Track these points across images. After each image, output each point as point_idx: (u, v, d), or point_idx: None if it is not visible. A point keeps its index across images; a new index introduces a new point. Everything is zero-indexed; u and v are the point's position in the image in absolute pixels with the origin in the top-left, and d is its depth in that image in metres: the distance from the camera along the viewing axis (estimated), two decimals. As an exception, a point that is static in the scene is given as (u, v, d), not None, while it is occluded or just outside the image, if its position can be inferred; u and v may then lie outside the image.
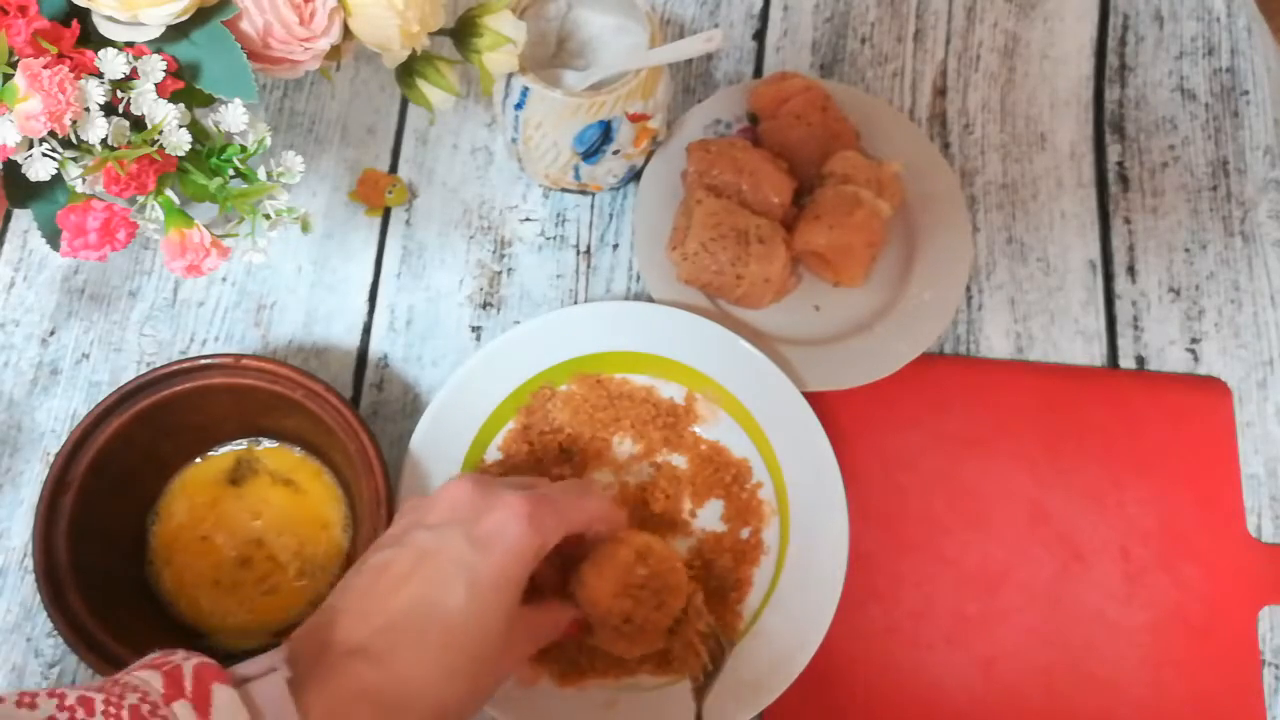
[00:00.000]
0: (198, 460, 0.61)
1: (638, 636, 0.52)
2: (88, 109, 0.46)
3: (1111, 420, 0.63)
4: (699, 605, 0.53)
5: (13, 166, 0.46)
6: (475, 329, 0.66)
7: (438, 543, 0.45)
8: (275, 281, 0.67)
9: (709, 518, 0.60)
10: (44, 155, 0.46)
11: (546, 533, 0.47)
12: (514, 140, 0.63)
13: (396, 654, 0.43)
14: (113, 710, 0.37)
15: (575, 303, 0.67)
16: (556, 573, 0.53)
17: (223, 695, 0.38)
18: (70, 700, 0.37)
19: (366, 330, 0.66)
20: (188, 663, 0.39)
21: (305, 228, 0.53)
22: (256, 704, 0.39)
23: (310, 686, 0.41)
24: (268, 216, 0.51)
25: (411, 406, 0.64)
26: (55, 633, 0.58)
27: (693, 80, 0.73)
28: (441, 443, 0.60)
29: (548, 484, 0.53)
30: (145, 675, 0.39)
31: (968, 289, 0.67)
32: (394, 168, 0.70)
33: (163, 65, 0.47)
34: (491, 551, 0.45)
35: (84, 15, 0.47)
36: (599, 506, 0.51)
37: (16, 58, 0.45)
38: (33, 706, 0.36)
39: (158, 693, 0.38)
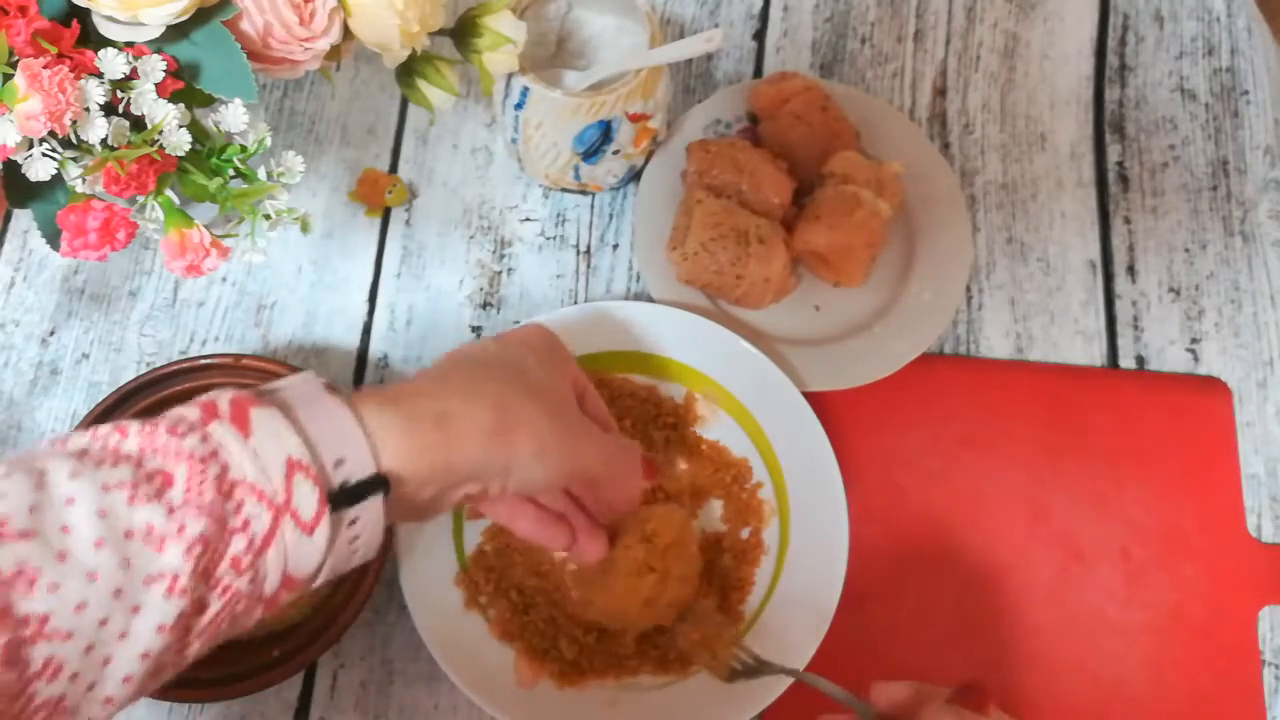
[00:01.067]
0: (198, 460, 0.61)
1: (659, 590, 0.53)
2: (88, 109, 0.46)
3: (1111, 420, 0.63)
4: (728, 631, 0.54)
5: (13, 166, 0.46)
6: (475, 329, 0.66)
7: (471, 345, 0.49)
8: (275, 281, 0.67)
9: (709, 518, 0.60)
10: (44, 155, 0.46)
11: (567, 363, 0.50)
12: (514, 140, 0.63)
13: (448, 381, 0.43)
14: (148, 429, 0.36)
15: (575, 303, 0.67)
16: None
17: (261, 413, 0.37)
18: (103, 430, 0.36)
19: (366, 330, 0.66)
20: (223, 395, 0.38)
21: (305, 228, 0.53)
22: (295, 409, 0.38)
23: (367, 410, 0.40)
24: (268, 216, 0.51)
25: (411, 406, 0.64)
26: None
27: (693, 80, 0.73)
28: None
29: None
30: (181, 409, 0.38)
31: (968, 289, 0.67)
32: (394, 168, 0.70)
33: (163, 65, 0.47)
34: (515, 335, 0.49)
35: (84, 15, 0.47)
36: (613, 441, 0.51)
37: (16, 58, 0.45)
38: (64, 443, 0.36)
39: (195, 418, 0.37)
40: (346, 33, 0.53)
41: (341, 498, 0.38)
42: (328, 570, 0.39)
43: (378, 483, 0.39)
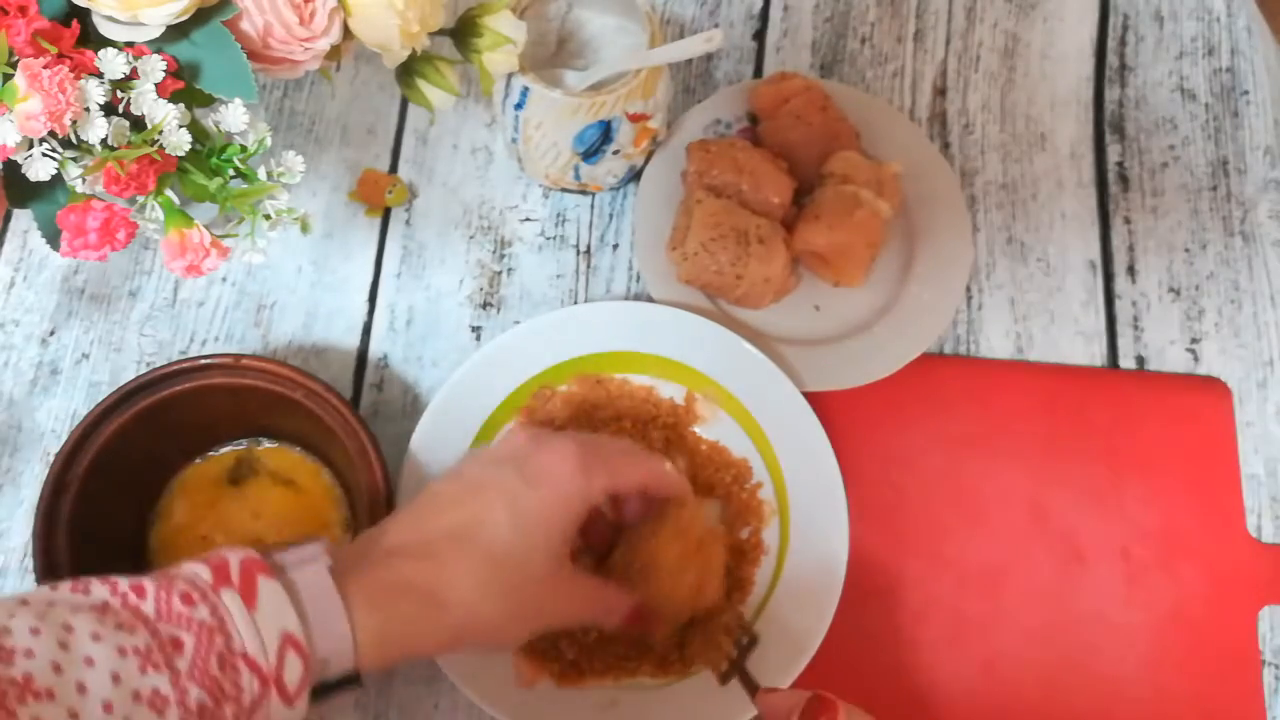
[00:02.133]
0: (198, 460, 0.61)
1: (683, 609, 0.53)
2: (88, 109, 0.46)
3: (1111, 420, 0.63)
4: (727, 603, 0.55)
5: (13, 166, 0.46)
6: (475, 329, 0.66)
7: (488, 475, 0.48)
8: (275, 281, 0.67)
9: (709, 518, 0.60)
10: (44, 155, 0.46)
11: (593, 478, 0.48)
12: (514, 140, 0.63)
13: (441, 556, 0.45)
14: (164, 595, 0.39)
15: (575, 303, 0.67)
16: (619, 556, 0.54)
17: (268, 586, 0.40)
18: (123, 587, 0.39)
19: (366, 330, 0.66)
20: (234, 556, 0.41)
21: (305, 228, 0.53)
22: (299, 593, 0.41)
23: (352, 578, 0.43)
24: (268, 216, 0.51)
25: (411, 406, 0.64)
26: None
27: (693, 80, 0.73)
28: (441, 443, 0.60)
29: (608, 439, 0.55)
30: (194, 567, 0.40)
31: (968, 289, 0.67)
32: (394, 168, 0.70)
33: (163, 65, 0.47)
34: (539, 487, 0.47)
35: (84, 15, 0.47)
36: (652, 467, 0.52)
37: (16, 58, 0.45)
38: (86, 591, 0.39)
39: (206, 582, 0.40)
40: (346, 33, 0.53)
41: (320, 692, 0.41)
42: None
43: (351, 680, 0.43)
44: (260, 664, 0.39)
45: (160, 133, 0.47)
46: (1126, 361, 0.66)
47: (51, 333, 0.65)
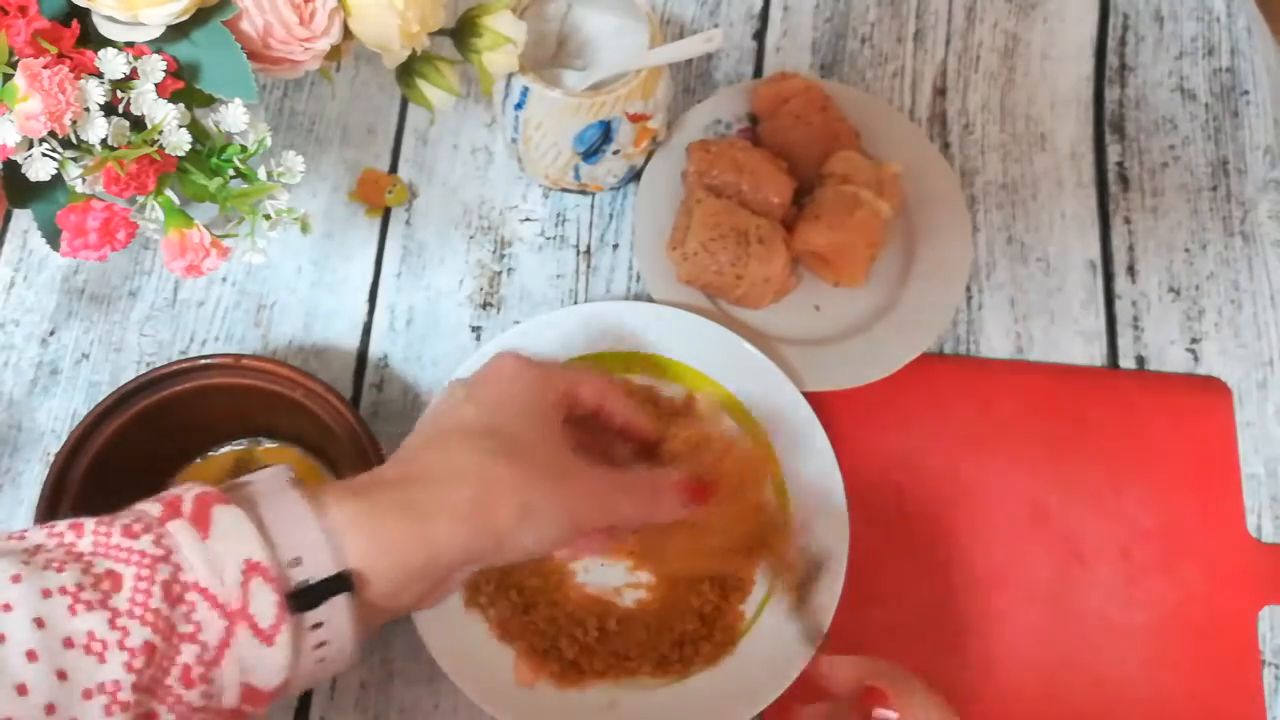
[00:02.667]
0: (198, 460, 0.61)
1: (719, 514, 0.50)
2: (88, 109, 0.46)
3: (1111, 420, 0.63)
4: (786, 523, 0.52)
5: (13, 166, 0.46)
6: (475, 329, 0.66)
7: (443, 410, 0.45)
8: (275, 281, 0.67)
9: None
10: (44, 155, 0.46)
11: (543, 368, 0.47)
12: (514, 140, 0.63)
13: (428, 450, 0.42)
14: (103, 529, 0.35)
15: (575, 303, 0.67)
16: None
17: (225, 513, 0.36)
18: (60, 527, 0.35)
19: (366, 330, 0.66)
20: (189, 492, 0.37)
21: (305, 228, 0.53)
22: (262, 514, 0.36)
23: (329, 503, 0.38)
24: (268, 216, 0.51)
25: (411, 406, 0.64)
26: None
27: (693, 80, 0.73)
28: (441, 443, 0.60)
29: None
30: (144, 505, 0.37)
31: (968, 289, 0.67)
32: (394, 168, 0.70)
33: (163, 65, 0.47)
34: (489, 384, 0.45)
35: (84, 15, 0.47)
36: (605, 383, 0.49)
37: (16, 58, 0.45)
38: (21, 538, 0.35)
39: (153, 516, 0.36)
40: (346, 33, 0.53)
41: (301, 600, 0.36)
42: (298, 683, 0.37)
43: (338, 583, 0.37)
44: (218, 595, 0.34)
45: (160, 133, 0.47)
46: (1126, 361, 0.66)
47: (51, 333, 0.65)
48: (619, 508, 0.45)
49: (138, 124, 0.48)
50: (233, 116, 0.49)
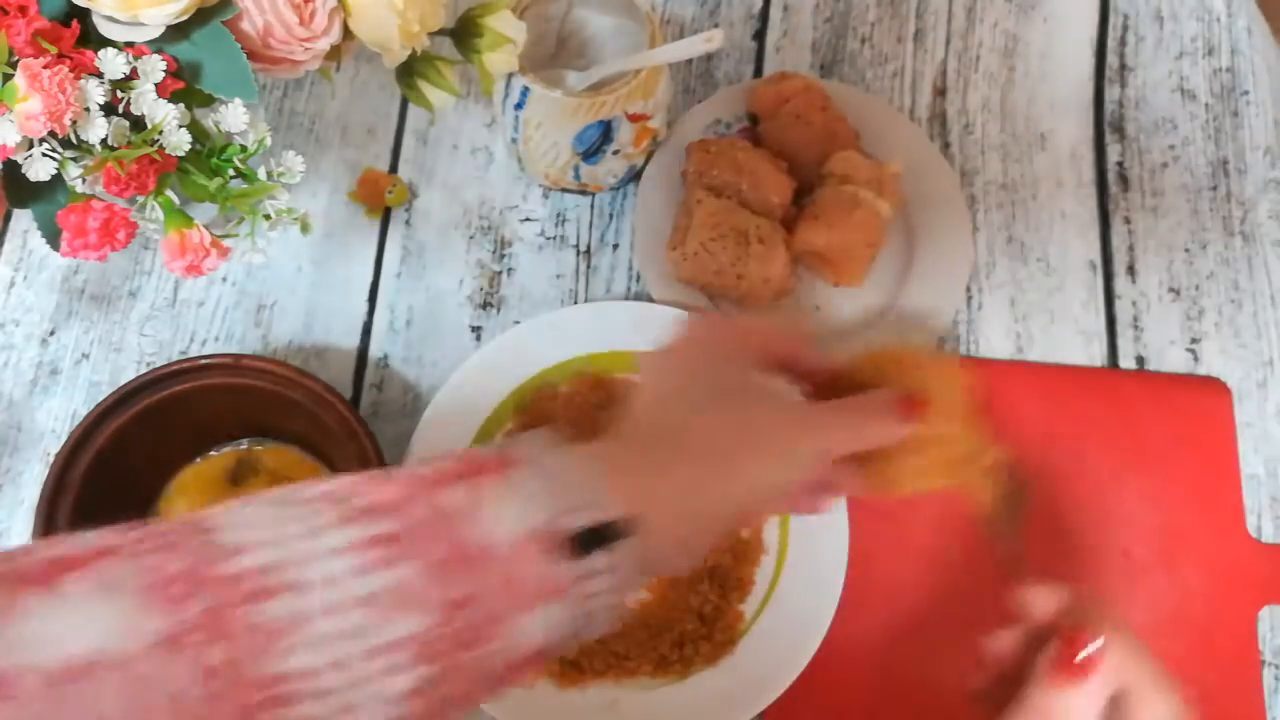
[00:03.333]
0: (198, 460, 0.61)
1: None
2: (88, 109, 0.46)
3: (1111, 420, 0.63)
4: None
5: (13, 166, 0.47)
6: (475, 329, 0.66)
7: (663, 377, 0.45)
8: (275, 281, 0.67)
9: None
10: (44, 155, 0.46)
11: (730, 325, 0.48)
12: (514, 140, 0.63)
13: (672, 400, 0.42)
14: (408, 482, 0.35)
15: (575, 303, 0.67)
16: None
17: (516, 476, 0.36)
18: (365, 478, 0.35)
19: (366, 330, 0.66)
20: (479, 452, 0.37)
21: (305, 228, 0.53)
22: (550, 477, 0.37)
23: (606, 455, 0.39)
24: (268, 216, 0.51)
25: (411, 406, 0.64)
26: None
27: (693, 80, 0.73)
28: (441, 443, 0.60)
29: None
30: (436, 459, 0.37)
31: (968, 289, 0.67)
32: (394, 168, 0.70)
33: (163, 65, 0.47)
34: (698, 348, 0.45)
35: (84, 15, 0.47)
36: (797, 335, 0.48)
37: (16, 58, 0.45)
38: (316, 484, 0.34)
39: (453, 471, 0.36)
40: (346, 33, 0.53)
41: (587, 542, 0.36)
42: (565, 638, 0.37)
43: (620, 528, 0.37)
44: (509, 557, 0.34)
45: (160, 133, 0.47)
46: (1126, 361, 0.66)
47: (51, 333, 0.65)
48: (835, 432, 0.44)
49: (138, 124, 0.48)
50: (233, 116, 0.49)
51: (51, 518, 0.54)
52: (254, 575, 0.31)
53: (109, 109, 0.47)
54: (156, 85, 0.47)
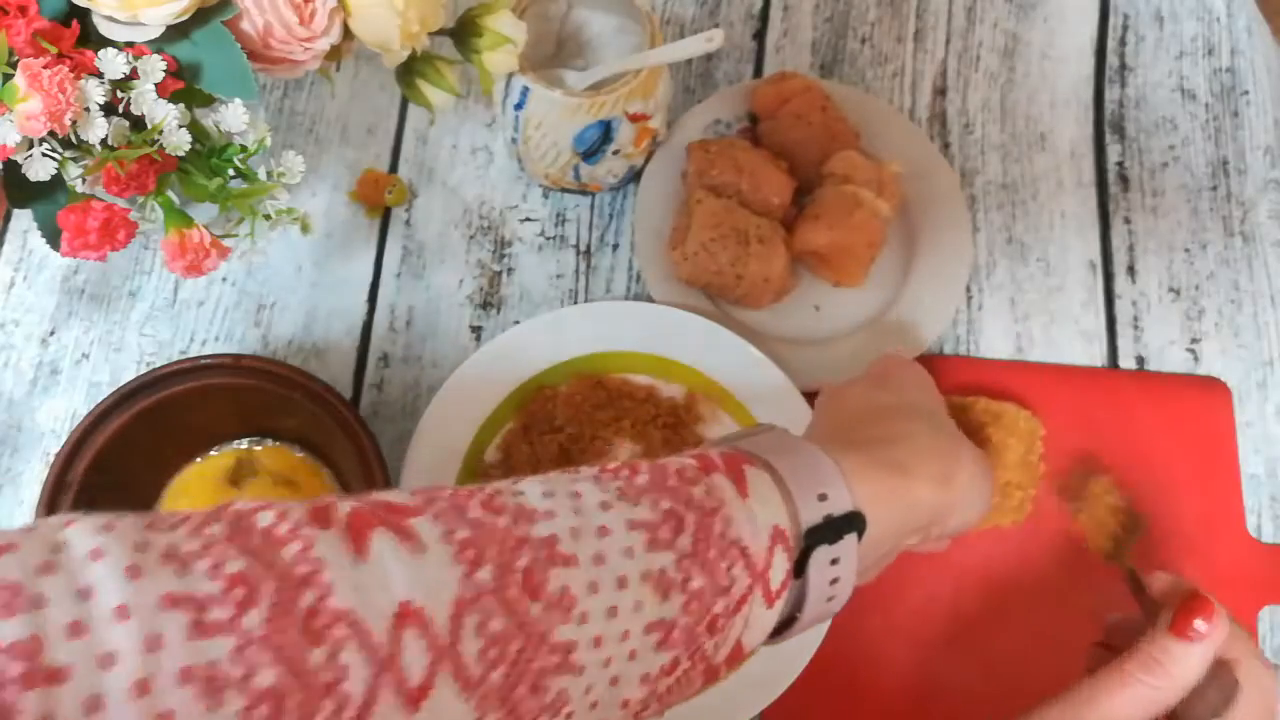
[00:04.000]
0: (198, 460, 0.61)
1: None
2: (88, 109, 0.46)
3: (1111, 420, 0.63)
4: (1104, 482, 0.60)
5: (13, 166, 0.47)
6: (475, 329, 0.66)
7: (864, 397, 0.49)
8: (275, 281, 0.67)
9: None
10: (44, 155, 0.46)
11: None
12: (514, 140, 0.63)
13: (893, 428, 0.44)
14: (658, 470, 0.36)
15: (575, 303, 0.67)
16: None
17: (756, 475, 0.37)
18: (613, 467, 0.36)
19: (366, 330, 0.66)
20: (714, 450, 0.38)
21: (305, 228, 0.53)
22: (786, 480, 0.38)
23: (834, 450, 0.40)
24: (268, 216, 0.51)
25: (411, 406, 0.64)
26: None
27: (693, 80, 0.73)
28: (441, 443, 0.60)
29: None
30: (674, 458, 0.37)
31: (968, 289, 0.67)
32: (394, 168, 0.70)
33: (163, 65, 0.47)
34: (907, 375, 0.52)
35: (84, 15, 0.47)
36: None
37: (16, 58, 0.45)
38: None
39: (694, 466, 0.37)
40: (346, 33, 0.53)
41: (826, 532, 0.37)
42: (804, 622, 0.39)
43: (855, 520, 0.38)
44: (754, 556, 0.35)
45: (160, 133, 0.47)
46: (1126, 361, 0.66)
47: (51, 333, 0.65)
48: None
49: (138, 124, 0.48)
50: (233, 116, 0.49)
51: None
52: (559, 540, 0.32)
53: (109, 109, 0.47)
54: (156, 85, 0.47)
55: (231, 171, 0.50)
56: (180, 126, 0.47)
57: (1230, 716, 0.39)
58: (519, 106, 0.61)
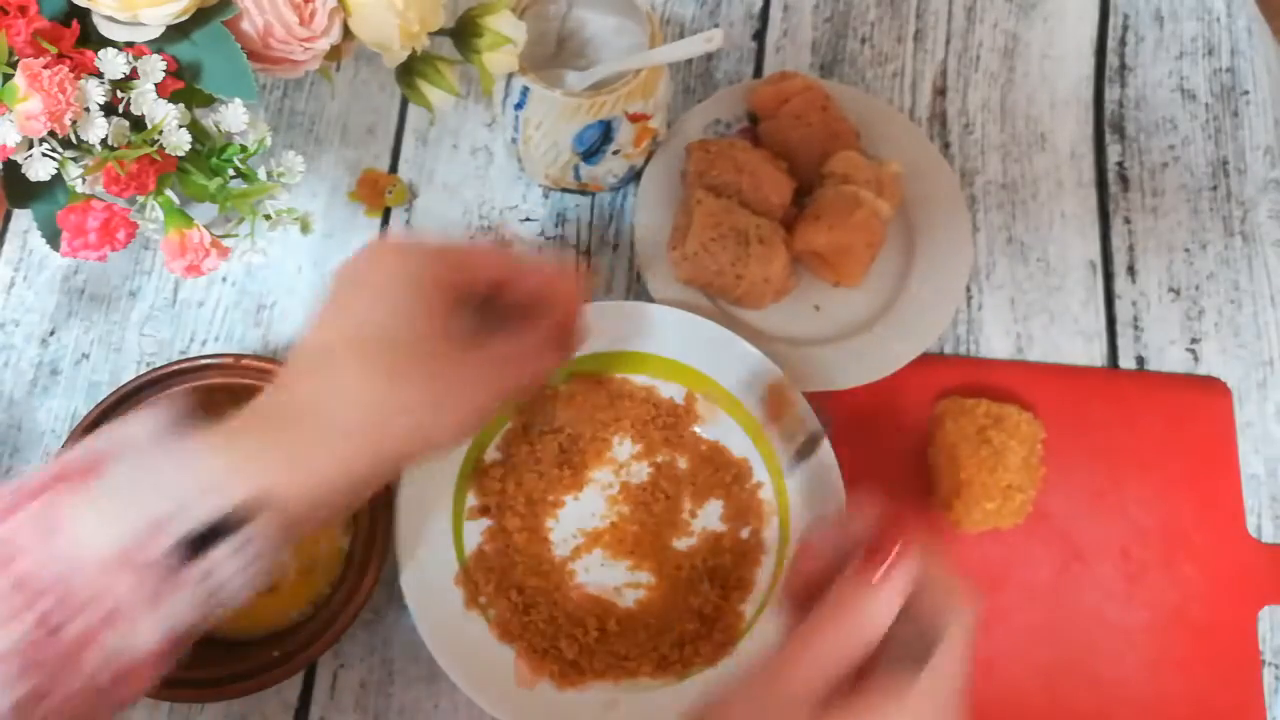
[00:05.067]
0: (198, 460, 0.61)
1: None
2: (88, 109, 0.46)
3: (1111, 420, 0.63)
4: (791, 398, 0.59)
5: (13, 166, 0.46)
6: (475, 329, 0.66)
7: (325, 307, 0.44)
8: (275, 281, 0.67)
9: (709, 518, 0.60)
10: (44, 155, 0.46)
11: (419, 250, 0.45)
12: (514, 140, 0.63)
13: (300, 392, 0.41)
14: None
15: (575, 303, 0.67)
16: None
17: (99, 487, 0.36)
18: None
19: (366, 330, 0.66)
20: (47, 469, 0.37)
21: (305, 228, 0.53)
22: (135, 484, 0.36)
23: (206, 452, 0.39)
24: (268, 216, 0.51)
25: (411, 406, 0.64)
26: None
27: (693, 80, 0.73)
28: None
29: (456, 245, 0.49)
30: (24, 479, 0.36)
31: (968, 289, 0.67)
32: (394, 168, 0.70)
33: (163, 65, 0.47)
34: (365, 284, 0.44)
35: (84, 15, 0.47)
36: (508, 260, 0.47)
37: (16, 58, 0.45)
38: None
39: (33, 486, 0.36)
40: (346, 33, 0.53)
41: (188, 550, 0.36)
42: (195, 625, 0.37)
43: (232, 521, 0.37)
44: (99, 573, 0.34)
45: (160, 133, 0.47)
46: (1126, 361, 0.66)
47: (51, 333, 0.65)
48: (507, 382, 0.45)
49: (138, 124, 0.48)
50: (233, 116, 0.49)
51: (51, 518, 0.54)
52: None
53: (109, 109, 0.47)
54: (156, 85, 0.47)
55: (231, 171, 0.50)
56: (180, 126, 0.47)
57: (932, 664, 0.36)
58: (519, 106, 0.61)
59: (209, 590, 0.37)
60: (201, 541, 0.36)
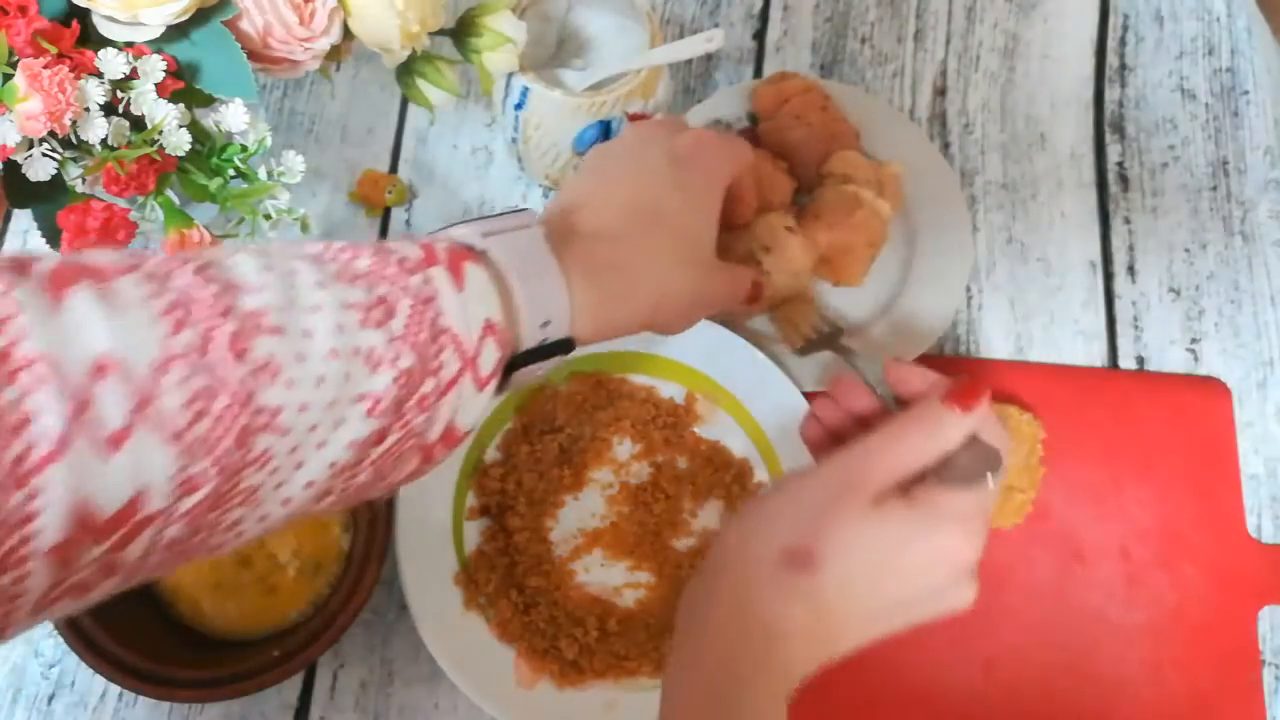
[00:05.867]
0: (198, 460, 0.61)
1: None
2: (88, 109, 0.46)
3: (1111, 420, 0.63)
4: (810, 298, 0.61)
5: (13, 166, 0.47)
6: (475, 329, 0.66)
7: (647, 156, 0.48)
8: (275, 281, 0.67)
9: (709, 518, 0.60)
10: (44, 155, 0.46)
11: (731, 152, 0.51)
12: (514, 140, 0.63)
13: (631, 238, 0.45)
14: (379, 258, 0.38)
15: (575, 303, 0.67)
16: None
17: (475, 272, 0.39)
18: (336, 247, 0.38)
19: (366, 330, 0.66)
20: (440, 243, 0.40)
21: (305, 228, 0.53)
22: (513, 287, 0.40)
23: (565, 252, 0.43)
24: (268, 216, 0.51)
25: (411, 406, 0.64)
26: (55, 633, 0.58)
27: (693, 80, 0.73)
28: (441, 443, 0.60)
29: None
30: (402, 244, 0.39)
31: (968, 289, 0.67)
32: (394, 168, 0.70)
33: (163, 65, 0.47)
34: (694, 165, 0.49)
35: (84, 15, 0.47)
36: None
37: (16, 58, 0.45)
38: (301, 245, 0.38)
39: (417, 257, 0.39)
40: (346, 33, 0.53)
41: (537, 353, 0.42)
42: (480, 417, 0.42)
43: (565, 345, 0.43)
44: (464, 343, 0.38)
45: (160, 133, 0.47)
46: (1126, 361, 0.66)
47: (51, 333, 0.65)
48: (725, 299, 0.52)
49: (138, 124, 0.48)
50: (233, 116, 0.49)
51: (51, 518, 0.54)
52: (268, 312, 0.33)
53: (109, 109, 0.47)
54: (156, 85, 0.47)
55: (231, 171, 0.50)
56: (180, 126, 0.48)
57: (974, 489, 0.43)
58: (519, 106, 0.61)
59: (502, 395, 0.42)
60: (539, 354, 0.42)
